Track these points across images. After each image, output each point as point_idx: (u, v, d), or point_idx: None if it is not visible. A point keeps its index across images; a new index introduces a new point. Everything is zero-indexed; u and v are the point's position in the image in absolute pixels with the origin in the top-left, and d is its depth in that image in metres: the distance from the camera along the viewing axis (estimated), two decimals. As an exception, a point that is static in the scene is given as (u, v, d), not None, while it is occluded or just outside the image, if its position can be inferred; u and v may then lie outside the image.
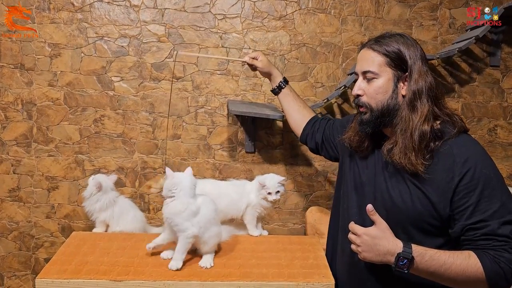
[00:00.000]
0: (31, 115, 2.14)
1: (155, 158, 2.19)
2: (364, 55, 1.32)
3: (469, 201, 1.19)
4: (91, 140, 2.17)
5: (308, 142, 1.74)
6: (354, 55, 2.19)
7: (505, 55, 2.23)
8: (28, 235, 2.22)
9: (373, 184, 1.37)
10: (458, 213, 1.21)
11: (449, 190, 1.21)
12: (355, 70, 1.36)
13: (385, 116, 1.30)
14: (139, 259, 1.52)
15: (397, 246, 1.18)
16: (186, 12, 2.13)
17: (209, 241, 1.50)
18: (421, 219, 1.25)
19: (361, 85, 1.32)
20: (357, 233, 1.23)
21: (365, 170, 1.41)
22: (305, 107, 1.79)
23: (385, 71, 1.29)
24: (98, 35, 2.12)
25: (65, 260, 1.52)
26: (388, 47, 1.29)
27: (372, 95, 1.30)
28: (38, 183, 2.18)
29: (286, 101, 1.79)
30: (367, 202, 1.33)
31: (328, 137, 1.67)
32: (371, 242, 1.20)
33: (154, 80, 2.15)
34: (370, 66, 1.29)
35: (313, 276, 1.44)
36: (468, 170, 1.20)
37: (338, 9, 2.17)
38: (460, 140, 1.26)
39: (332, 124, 1.69)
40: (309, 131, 1.73)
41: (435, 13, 2.20)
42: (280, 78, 1.78)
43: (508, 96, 2.24)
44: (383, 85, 1.29)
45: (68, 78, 2.13)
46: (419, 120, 1.24)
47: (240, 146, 2.21)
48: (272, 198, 1.68)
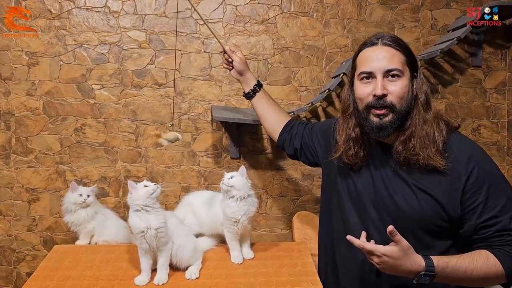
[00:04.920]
0: (9, 126, 2.08)
1: (139, 167, 2.15)
2: (382, 52, 1.24)
3: (478, 199, 1.18)
4: (72, 149, 2.12)
5: (286, 148, 1.69)
6: (338, 58, 2.18)
7: (486, 55, 2.24)
8: (8, 249, 2.15)
9: (371, 191, 1.32)
10: (468, 213, 1.19)
11: (458, 191, 1.19)
12: (369, 70, 1.25)
13: (404, 118, 1.24)
14: (123, 272, 1.49)
15: (419, 266, 1.13)
16: (167, 17, 2.10)
17: (183, 253, 1.49)
18: (430, 222, 1.23)
19: (384, 84, 1.22)
20: (375, 253, 1.15)
21: (359, 179, 1.36)
22: (280, 110, 1.73)
23: (406, 70, 1.24)
24: (77, 43, 2.08)
25: (47, 275, 1.48)
26: (405, 46, 1.26)
27: (399, 95, 1.22)
28: (18, 195, 2.12)
29: (260, 106, 1.71)
30: (367, 210, 1.31)
31: (307, 142, 1.61)
32: (392, 263, 1.14)
33: (136, 87, 2.11)
34: (396, 64, 1.22)
35: (301, 283, 1.43)
36: (473, 168, 1.19)
37: (321, 12, 2.16)
38: (456, 138, 1.25)
39: (310, 129, 1.63)
40: (286, 136, 1.67)
41: (417, 15, 2.20)
42: (254, 81, 1.71)
43: (491, 95, 2.26)
44: (407, 84, 1.23)
45: (47, 87, 2.08)
46: (434, 119, 1.23)
47: (225, 152, 2.18)
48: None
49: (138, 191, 1.42)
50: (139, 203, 1.41)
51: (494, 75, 2.25)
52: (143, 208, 1.41)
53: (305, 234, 2.09)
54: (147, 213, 1.41)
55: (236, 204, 1.53)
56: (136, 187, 1.44)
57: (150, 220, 1.41)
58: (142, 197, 1.41)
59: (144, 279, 1.41)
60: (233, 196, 1.53)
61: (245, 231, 1.60)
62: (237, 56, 1.69)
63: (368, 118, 1.26)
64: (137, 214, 1.42)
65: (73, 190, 1.72)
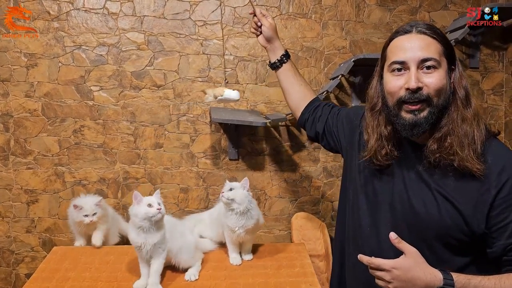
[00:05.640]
0: (8, 127, 2.08)
1: (138, 168, 2.15)
2: (417, 41, 1.11)
3: (510, 216, 1.06)
4: (71, 151, 2.12)
5: (308, 129, 1.55)
6: (336, 60, 2.19)
7: (484, 56, 2.25)
8: (7, 250, 2.15)
9: (389, 192, 1.21)
10: (497, 231, 1.07)
11: (485, 204, 1.07)
12: (402, 59, 1.11)
13: (440, 114, 1.11)
14: (122, 274, 1.49)
15: (436, 278, 1.03)
16: (166, 19, 2.10)
17: (182, 255, 1.49)
18: (448, 234, 1.10)
19: (419, 76, 1.09)
20: (384, 268, 1.04)
21: (379, 177, 1.24)
22: (306, 86, 1.58)
23: (443, 61, 1.11)
24: (76, 44, 2.08)
25: (46, 277, 1.48)
26: (443, 35, 1.13)
27: (437, 87, 1.09)
28: (17, 197, 2.12)
29: (286, 78, 1.58)
30: (382, 211, 1.22)
31: (330, 128, 1.46)
32: (404, 276, 1.03)
33: (135, 88, 2.11)
34: (432, 53, 1.09)
35: (300, 284, 1.43)
36: (506, 182, 1.06)
37: (319, 14, 2.17)
38: (493, 145, 1.12)
39: (336, 114, 1.47)
40: (309, 117, 1.53)
41: (414, 16, 2.21)
42: (282, 51, 1.57)
43: (488, 97, 2.26)
44: (444, 76, 1.10)
45: (45, 88, 2.08)
46: (474, 118, 1.10)
47: (224, 153, 2.19)
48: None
49: (139, 208, 1.37)
50: (136, 220, 1.37)
51: (491, 76, 2.26)
52: (139, 228, 1.38)
53: (303, 235, 2.10)
54: (144, 232, 1.38)
55: (235, 217, 1.53)
56: (138, 201, 1.38)
57: (147, 238, 1.38)
58: (140, 216, 1.37)
59: (143, 283, 1.41)
60: (233, 209, 1.52)
61: (245, 239, 1.60)
62: (267, 20, 1.56)
63: (399, 114, 1.13)
64: (134, 230, 1.39)
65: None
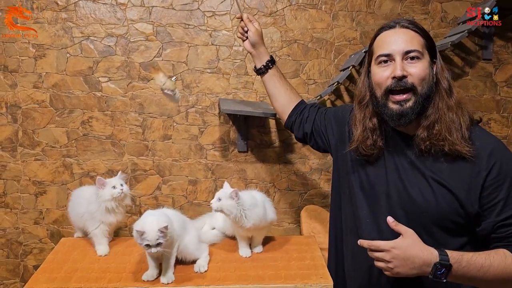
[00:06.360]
0: (16, 118, 2.08)
1: (146, 160, 2.14)
2: (400, 34, 1.21)
3: (498, 196, 1.14)
4: (79, 142, 2.11)
5: (295, 130, 1.62)
6: (346, 51, 2.16)
7: (497, 48, 2.21)
8: (16, 242, 2.15)
9: (384, 183, 1.27)
10: (487, 210, 1.15)
11: (477, 186, 1.15)
12: (387, 52, 1.21)
13: (425, 103, 1.19)
14: (130, 265, 1.48)
15: (432, 255, 1.09)
16: (174, 9, 2.08)
17: (187, 249, 1.48)
18: (445, 218, 1.18)
19: (403, 66, 1.18)
20: (384, 248, 1.11)
21: (373, 169, 1.31)
22: (292, 90, 1.65)
23: (425, 53, 1.21)
24: (84, 35, 2.06)
25: (54, 267, 1.47)
26: (424, 30, 1.23)
27: (420, 76, 1.18)
28: (25, 188, 2.12)
29: (272, 83, 1.63)
30: (379, 202, 1.27)
31: (318, 127, 1.54)
32: (403, 255, 1.09)
33: (143, 80, 2.10)
34: (415, 45, 1.19)
35: (311, 277, 1.42)
36: (495, 164, 1.15)
37: (329, 4, 2.14)
38: (477, 131, 1.21)
39: (323, 114, 1.56)
40: (296, 118, 1.60)
41: (426, 7, 2.17)
42: (267, 57, 1.63)
43: (501, 89, 2.23)
44: (427, 67, 1.20)
45: (53, 79, 2.07)
46: (457, 106, 1.19)
47: (233, 145, 2.17)
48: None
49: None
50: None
51: (504, 68, 2.22)
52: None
53: (313, 228, 2.08)
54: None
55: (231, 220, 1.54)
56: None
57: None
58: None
59: (153, 274, 1.40)
60: (227, 215, 1.51)
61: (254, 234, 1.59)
62: (253, 26, 1.60)
63: (386, 105, 1.21)
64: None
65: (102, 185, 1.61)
